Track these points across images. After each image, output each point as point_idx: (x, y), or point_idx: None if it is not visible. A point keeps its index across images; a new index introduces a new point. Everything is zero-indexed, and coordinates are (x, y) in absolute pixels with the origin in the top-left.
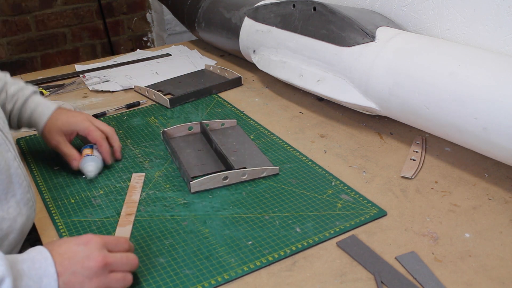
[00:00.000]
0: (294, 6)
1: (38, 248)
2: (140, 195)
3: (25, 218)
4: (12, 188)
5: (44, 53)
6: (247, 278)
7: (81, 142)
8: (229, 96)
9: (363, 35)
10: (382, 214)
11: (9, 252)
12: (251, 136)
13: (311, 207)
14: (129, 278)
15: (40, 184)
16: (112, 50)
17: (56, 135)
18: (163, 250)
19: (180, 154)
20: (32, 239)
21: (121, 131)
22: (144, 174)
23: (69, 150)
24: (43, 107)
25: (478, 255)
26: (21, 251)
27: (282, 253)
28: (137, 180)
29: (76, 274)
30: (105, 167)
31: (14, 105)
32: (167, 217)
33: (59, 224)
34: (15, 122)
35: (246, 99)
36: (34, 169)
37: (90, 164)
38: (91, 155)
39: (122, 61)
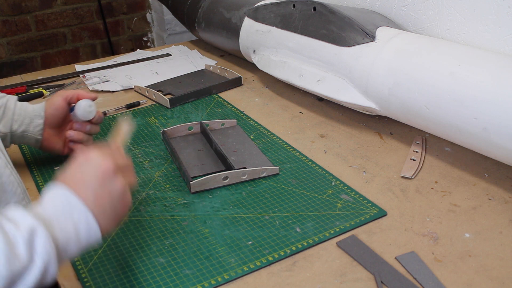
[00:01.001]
0: (294, 6)
1: (50, 190)
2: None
3: None
4: (5, 196)
5: (44, 53)
6: (247, 278)
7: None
8: (229, 96)
9: (363, 35)
10: (382, 214)
11: None
12: (251, 136)
13: (311, 207)
14: (134, 175)
15: (40, 184)
16: (112, 50)
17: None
18: (163, 250)
19: (180, 154)
20: None
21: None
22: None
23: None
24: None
25: (478, 255)
26: None
27: (282, 253)
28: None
29: (97, 190)
30: None
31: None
32: (167, 217)
33: None
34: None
35: (246, 99)
36: (34, 169)
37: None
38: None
39: (122, 61)
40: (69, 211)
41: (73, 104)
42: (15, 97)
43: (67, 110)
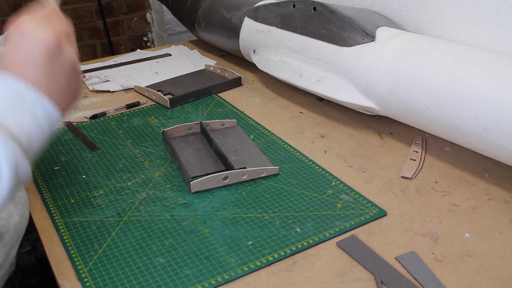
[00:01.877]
0: (294, 6)
1: None
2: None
3: (18, 217)
4: None
5: None
6: (247, 278)
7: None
8: (229, 96)
9: (363, 35)
10: (382, 214)
11: (6, 252)
12: (251, 136)
13: (311, 207)
14: (69, 26)
15: (40, 184)
16: (112, 50)
17: None
18: (163, 250)
19: (180, 154)
20: (32, 239)
21: (121, 131)
22: None
23: None
24: None
25: (478, 255)
26: (20, 250)
27: (282, 253)
28: None
29: (48, 68)
30: (105, 167)
31: None
32: (167, 217)
33: (59, 224)
34: None
35: (246, 99)
36: (34, 169)
37: None
38: None
39: (122, 61)
40: (20, 101)
41: None
42: None
43: None
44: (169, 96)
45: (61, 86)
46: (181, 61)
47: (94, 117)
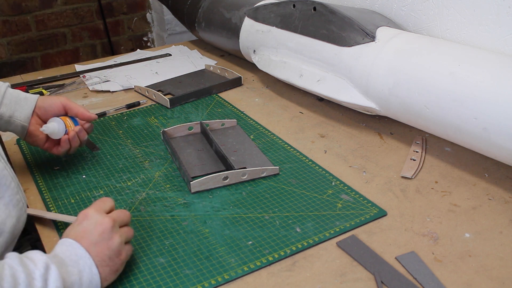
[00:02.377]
0: (294, 6)
1: (58, 243)
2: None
3: (15, 220)
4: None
5: (44, 53)
6: (247, 278)
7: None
8: (229, 96)
9: (363, 35)
10: (382, 214)
11: (0, 254)
12: (251, 136)
13: (311, 207)
14: (131, 229)
15: (40, 184)
16: (112, 50)
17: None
18: (163, 250)
19: (180, 154)
20: (32, 239)
21: (121, 131)
22: None
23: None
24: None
25: (478, 255)
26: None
27: (282, 253)
28: None
29: (98, 243)
30: (105, 167)
31: None
32: (167, 217)
33: (59, 224)
34: None
35: (246, 99)
36: (34, 169)
37: (52, 123)
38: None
39: (122, 61)
40: (76, 258)
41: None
42: (6, 83)
43: (60, 112)
44: (169, 96)
45: (104, 260)
46: (181, 61)
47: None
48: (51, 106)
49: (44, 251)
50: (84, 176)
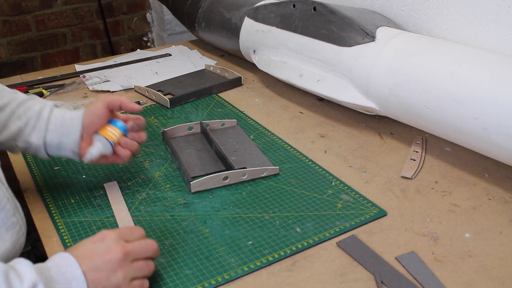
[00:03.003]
0: (294, 6)
1: (59, 254)
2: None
3: (9, 244)
4: None
5: (44, 53)
6: (247, 278)
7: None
8: (229, 96)
9: (363, 35)
10: (382, 214)
11: None
12: (251, 136)
13: (311, 207)
14: (151, 264)
15: (40, 184)
16: (112, 50)
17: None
18: (163, 250)
19: (180, 154)
20: (32, 239)
21: None
22: None
23: None
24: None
25: (478, 255)
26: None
27: (282, 253)
28: None
29: (99, 270)
30: (105, 167)
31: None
32: (167, 217)
33: (59, 224)
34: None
35: (246, 99)
36: (34, 169)
37: (95, 147)
38: (108, 141)
39: (122, 61)
40: (70, 278)
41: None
42: (50, 104)
43: (107, 117)
44: (169, 96)
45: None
46: (181, 61)
47: None
48: (97, 117)
49: (44, 251)
50: (84, 176)
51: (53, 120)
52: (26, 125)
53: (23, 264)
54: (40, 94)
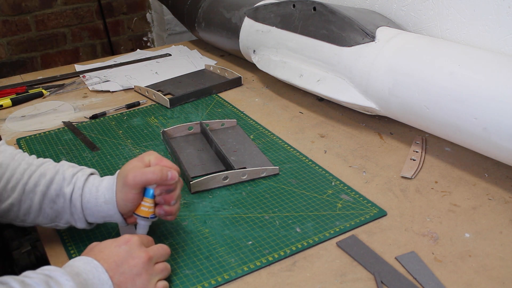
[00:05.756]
0: (294, 6)
1: (83, 258)
2: None
3: None
4: None
5: (44, 53)
6: (247, 278)
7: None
8: (229, 96)
9: (363, 35)
10: (382, 214)
11: None
12: (251, 136)
13: (311, 207)
14: (168, 266)
15: None
16: (112, 50)
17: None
18: None
19: (180, 154)
20: (32, 239)
21: (121, 131)
22: None
23: None
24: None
25: (478, 255)
26: (20, 250)
27: (282, 253)
28: None
29: (125, 274)
30: (105, 167)
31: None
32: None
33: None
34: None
35: (246, 99)
36: None
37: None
38: (148, 218)
39: (122, 61)
40: (98, 283)
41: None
42: (81, 184)
43: (141, 197)
44: (169, 96)
45: None
46: (181, 61)
47: (94, 117)
48: (130, 203)
49: (43, 251)
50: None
51: (87, 206)
52: (62, 213)
53: (59, 272)
54: (40, 94)
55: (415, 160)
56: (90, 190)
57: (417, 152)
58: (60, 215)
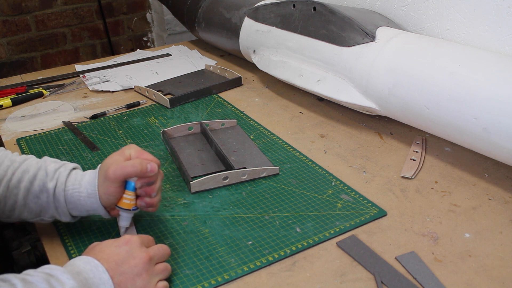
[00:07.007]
0: (294, 6)
1: (83, 258)
2: None
3: None
4: None
5: (44, 53)
6: (247, 278)
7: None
8: (229, 96)
9: (363, 35)
10: (382, 214)
11: None
12: (251, 136)
13: (311, 207)
14: (169, 266)
15: None
16: (112, 50)
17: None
18: None
19: (180, 154)
20: (32, 239)
21: (121, 131)
22: None
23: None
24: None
25: (478, 255)
26: (20, 250)
27: (282, 253)
28: None
29: (125, 274)
30: None
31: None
32: (167, 217)
33: (59, 224)
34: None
35: (246, 99)
36: None
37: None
38: (130, 210)
39: (122, 61)
40: (98, 283)
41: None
42: (58, 184)
43: (122, 189)
44: (169, 96)
45: None
46: (181, 61)
47: (94, 117)
48: (112, 197)
49: (43, 251)
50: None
51: (69, 200)
52: (47, 207)
53: (59, 271)
54: (40, 94)
55: (415, 160)
56: (73, 184)
57: (417, 152)
58: (45, 210)
